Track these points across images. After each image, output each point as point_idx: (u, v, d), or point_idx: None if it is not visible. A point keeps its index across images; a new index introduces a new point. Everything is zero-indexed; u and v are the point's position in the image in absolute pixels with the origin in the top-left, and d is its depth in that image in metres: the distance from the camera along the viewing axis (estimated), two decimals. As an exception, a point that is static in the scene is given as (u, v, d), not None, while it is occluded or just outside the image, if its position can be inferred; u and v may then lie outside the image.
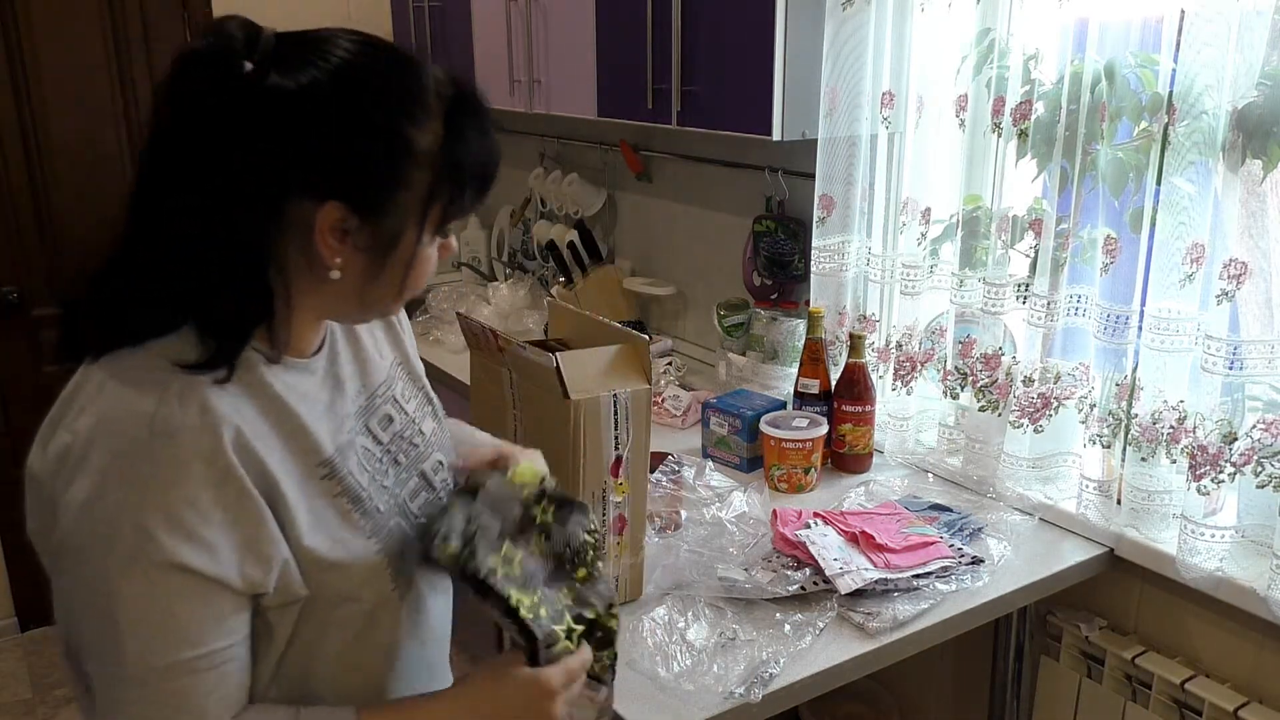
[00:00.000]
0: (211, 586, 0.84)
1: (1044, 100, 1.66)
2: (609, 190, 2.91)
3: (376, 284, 0.91)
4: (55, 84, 2.92)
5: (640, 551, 1.46)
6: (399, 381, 1.08)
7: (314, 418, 0.93)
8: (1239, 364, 1.44)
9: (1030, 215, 1.74)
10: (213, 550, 0.83)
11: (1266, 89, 1.39)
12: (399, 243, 0.89)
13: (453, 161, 0.88)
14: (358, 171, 0.85)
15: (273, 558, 0.87)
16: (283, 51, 0.84)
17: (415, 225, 0.89)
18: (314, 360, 0.97)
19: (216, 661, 0.85)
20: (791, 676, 1.33)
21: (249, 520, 0.85)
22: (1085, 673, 1.75)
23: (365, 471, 0.97)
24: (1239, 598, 1.51)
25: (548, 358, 1.36)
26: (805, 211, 2.13)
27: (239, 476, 0.84)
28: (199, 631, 0.84)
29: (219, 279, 0.86)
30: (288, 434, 0.90)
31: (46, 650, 3.08)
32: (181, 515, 0.81)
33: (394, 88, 0.86)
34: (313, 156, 0.84)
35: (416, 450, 1.05)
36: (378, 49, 0.88)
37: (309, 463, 0.91)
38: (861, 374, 1.92)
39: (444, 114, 0.88)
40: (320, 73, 0.83)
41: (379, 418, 1.02)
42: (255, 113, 0.82)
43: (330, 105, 0.83)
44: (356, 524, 0.94)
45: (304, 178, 0.84)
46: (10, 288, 2.97)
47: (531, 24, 2.50)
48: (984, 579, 1.55)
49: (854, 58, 1.88)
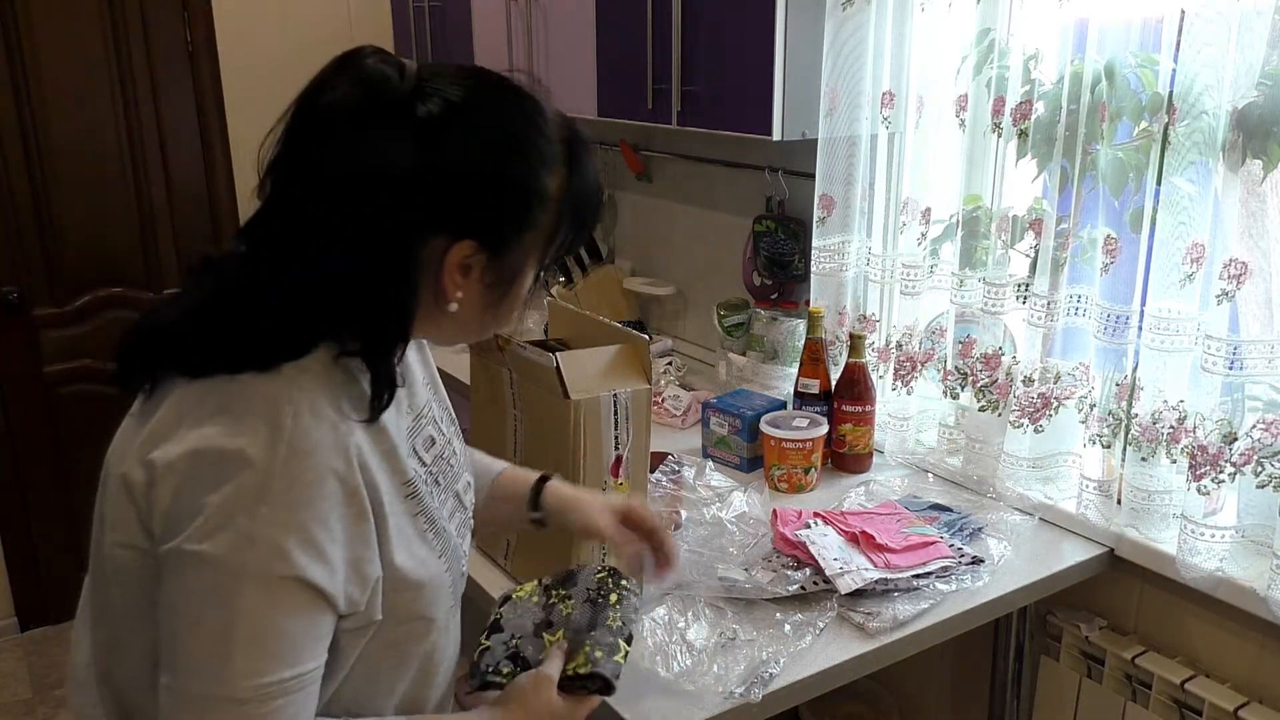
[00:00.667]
0: (322, 603, 0.84)
1: (1044, 100, 1.66)
2: (609, 190, 2.91)
3: (489, 316, 0.95)
4: (55, 84, 2.92)
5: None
6: (433, 404, 1.09)
7: (399, 437, 0.95)
8: (1239, 364, 1.44)
9: (1030, 215, 1.74)
10: (334, 568, 0.84)
11: (1266, 89, 1.39)
12: (519, 279, 0.93)
13: (574, 204, 0.93)
14: (493, 212, 0.88)
15: (370, 578, 0.88)
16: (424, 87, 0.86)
17: (536, 263, 0.94)
18: None
19: (307, 682, 0.86)
20: (791, 676, 1.33)
21: (361, 540, 0.86)
22: (1085, 673, 1.75)
23: (432, 493, 0.99)
24: (1239, 598, 1.51)
25: (548, 357, 1.36)
26: (805, 211, 2.13)
27: (363, 496, 0.86)
28: (301, 651, 0.84)
29: (368, 309, 0.87)
30: (384, 453, 0.92)
31: (46, 650, 3.08)
32: (314, 532, 0.82)
33: (527, 132, 0.89)
34: (454, 195, 0.86)
35: (452, 470, 1.07)
36: (504, 91, 0.91)
37: (397, 481, 0.93)
38: (861, 374, 1.92)
39: (566, 158, 0.92)
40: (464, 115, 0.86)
41: (423, 439, 1.02)
42: (407, 144, 0.83)
43: (472, 148, 0.86)
44: (431, 544, 0.96)
45: (445, 214, 0.86)
46: (10, 288, 2.97)
47: (531, 24, 2.50)
48: (984, 579, 1.55)
49: (854, 58, 1.88)
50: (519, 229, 0.90)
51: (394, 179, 0.84)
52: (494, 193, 0.88)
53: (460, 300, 0.91)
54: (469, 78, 0.89)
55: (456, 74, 0.89)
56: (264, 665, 0.82)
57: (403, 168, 0.84)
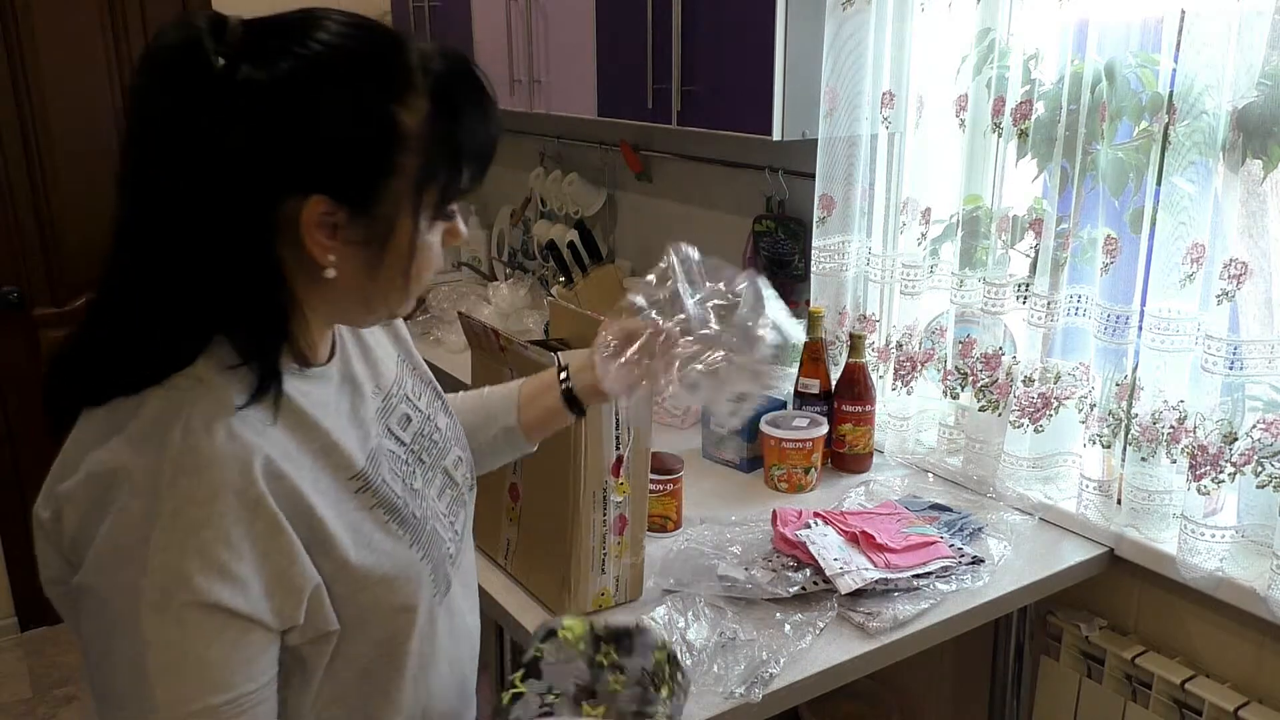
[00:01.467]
0: (243, 626, 0.79)
1: (1044, 100, 1.66)
2: (609, 190, 2.91)
3: (378, 280, 0.85)
4: (55, 84, 2.92)
5: (640, 551, 1.46)
6: (408, 379, 1.04)
7: (340, 429, 0.89)
8: (1239, 364, 1.44)
9: (1030, 215, 1.74)
10: (246, 588, 0.78)
11: (1266, 89, 1.39)
12: (394, 233, 0.82)
13: (444, 141, 0.81)
14: (339, 160, 0.78)
15: (303, 589, 0.82)
16: (252, 41, 0.77)
17: (410, 213, 0.82)
18: (328, 367, 0.92)
19: (245, 706, 0.81)
20: (791, 676, 1.33)
21: (280, 552, 0.80)
22: (1085, 673, 1.75)
23: (397, 477, 0.94)
24: (1239, 598, 1.51)
25: (549, 357, 1.36)
26: (805, 211, 2.13)
27: (270, 509, 0.79)
28: (229, 675, 0.79)
29: (231, 300, 0.80)
30: (317, 450, 0.86)
31: (46, 650, 3.08)
32: (215, 553, 0.76)
33: (372, 66, 0.79)
34: (291, 149, 0.77)
35: (437, 447, 1.03)
36: (355, 27, 0.81)
37: (341, 478, 0.87)
38: (861, 374, 1.92)
39: (430, 90, 0.80)
40: (294, 59, 0.77)
41: (397, 417, 0.98)
42: (230, 111, 0.75)
43: (306, 93, 0.76)
44: (396, 534, 0.91)
45: (285, 173, 0.77)
46: (10, 288, 2.97)
47: (531, 24, 2.50)
48: (984, 579, 1.55)
49: (854, 58, 1.88)
50: (373, 175, 0.79)
51: (222, 149, 0.76)
52: (332, 138, 0.77)
53: (335, 265, 0.81)
54: (306, 21, 0.79)
55: (291, 22, 0.79)
56: (188, 693, 0.78)
57: (228, 134, 0.75)
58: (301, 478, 0.83)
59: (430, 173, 0.81)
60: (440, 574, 0.95)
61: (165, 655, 0.77)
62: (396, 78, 0.80)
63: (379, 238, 0.82)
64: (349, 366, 0.96)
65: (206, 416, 0.79)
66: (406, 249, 0.84)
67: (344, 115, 0.78)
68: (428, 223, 0.84)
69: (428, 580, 0.93)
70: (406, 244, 0.83)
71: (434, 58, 0.82)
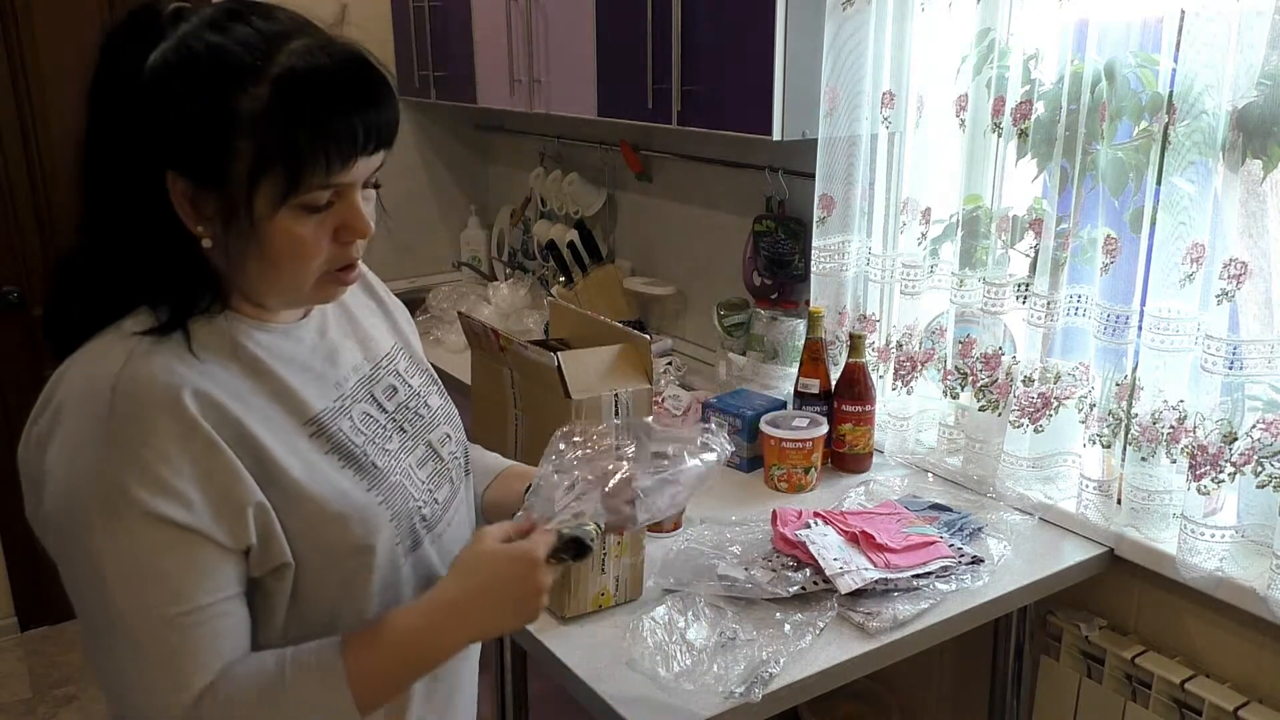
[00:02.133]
0: (192, 539, 0.85)
1: (1044, 100, 1.66)
2: (609, 190, 2.91)
3: (241, 258, 0.89)
4: (55, 84, 2.92)
5: (640, 551, 1.46)
6: (401, 359, 1.11)
7: (299, 380, 0.95)
8: (1239, 364, 1.44)
9: (1030, 215, 1.74)
10: (188, 502, 0.84)
11: (1266, 89, 1.39)
12: (238, 214, 0.86)
13: (280, 128, 0.84)
14: (182, 139, 0.85)
15: (246, 505, 0.87)
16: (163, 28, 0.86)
17: (246, 195, 0.85)
18: (296, 328, 0.99)
19: (207, 616, 0.86)
20: (791, 676, 1.33)
21: (221, 471, 0.86)
22: (1085, 673, 1.75)
23: (362, 433, 0.99)
24: (1239, 598, 1.51)
25: (549, 357, 1.36)
26: (805, 211, 2.13)
27: (205, 430, 0.85)
28: (185, 586, 0.85)
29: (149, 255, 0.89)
30: (270, 394, 0.92)
31: (46, 650, 3.08)
32: (154, 468, 0.83)
33: (223, 54, 0.84)
34: (156, 128, 0.85)
35: (423, 420, 1.08)
36: (232, 14, 0.86)
37: (295, 421, 0.93)
38: (861, 374, 1.92)
39: (274, 81, 0.84)
40: (170, 45, 0.85)
41: (383, 387, 1.05)
42: (129, 91, 0.85)
43: (162, 79, 0.84)
44: (352, 478, 0.95)
45: (151, 150, 0.85)
46: (10, 287, 2.97)
47: (531, 24, 2.50)
48: (984, 579, 1.55)
49: (854, 58, 1.88)
50: (213, 154, 0.84)
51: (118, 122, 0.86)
52: (177, 118, 0.84)
53: (208, 236, 0.88)
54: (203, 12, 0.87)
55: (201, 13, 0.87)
56: (146, 602, 0.84)
57: (123, 108, 0.85)
58: (249, 414, 0.89)
59: (267, 157, 0.84)
60: (404, 525, 0.99)
61: (119, 567, 0.83)
62: (241, 67, 0.84)
63: (227, 215, 0.87)
64: (327, 337, 1.02)
65: (145, 351, 0.87)
66: (245, 231, 0.87)
67: (185, 99, 0.84)
68: (273, 207, 0.86)
69: (387, 525, 0.97)
70: (245, 227, 0.87)
71: (300, 52, 0.85)
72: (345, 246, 0.92)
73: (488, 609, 0.95)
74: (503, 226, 3.39)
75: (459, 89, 2.89)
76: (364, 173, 0.90)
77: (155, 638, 0.85)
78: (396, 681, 0.95)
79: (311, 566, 0.92)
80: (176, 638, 0.85)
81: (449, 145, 3.44)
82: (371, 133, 0.88)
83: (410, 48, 3.05)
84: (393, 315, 1.16)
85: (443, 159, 3.44)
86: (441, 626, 0.95)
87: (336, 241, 0.91)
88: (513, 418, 1.51)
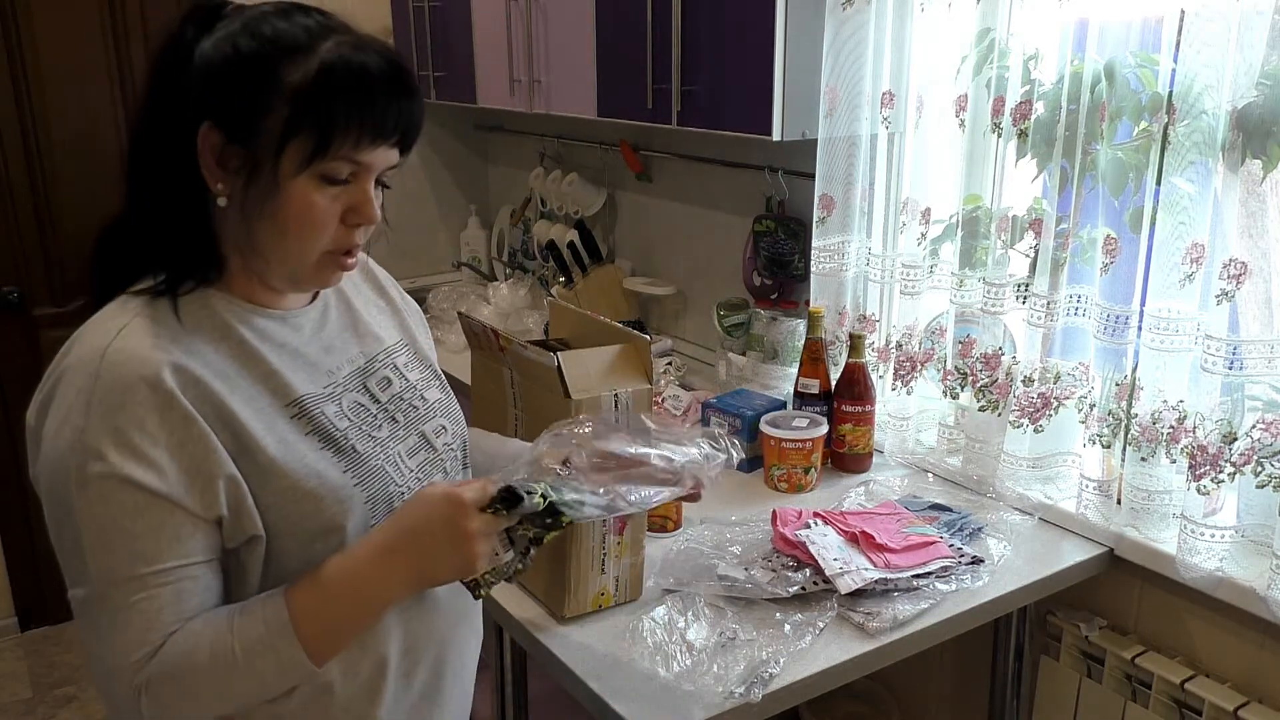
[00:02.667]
0: (163, 504, 0.89)
1: (1044, 100, 1.66)
2: (609, 190, 2.91)
3: (255, 221, 0.94)
4: (55, 84, 2.92)
5: (640, 551, 1.46)
6: (402, 354, 1.15)
7: (288, 365, 1.00)
8: (1239, 364, 1.44)
9: (1030, 215, 1.74)
10: (160, 470, 0.89)
11: (1266, 89, 1.39)
12: (262, 169, 0.92)
13: (315, 99, 0.91)
14: (225, 91, 0.91)
15: (217, 476, 0.91)
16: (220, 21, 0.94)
17: (272, 155, 0.91)
18: (295, 315, 1.04)
19: (173, 578, 0.90)
20: (791, 676, 1.33)
21: (195, 442, 0.90)
22: (1085, 673, 1.75)
23: (348, 420, 1.03)
24: (1239, 598, 1.51)
25: (549, 357, 1.36)
26: (805, 211, 2.13)
27: (181, 403, 0.90)
28: (155, 548, 0.89)
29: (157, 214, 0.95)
30: (257, 376, 0.97)
31: (46, 650, 3.08)
32: (128, 434, 0.88)
33: (279, 31, 0.92)
34: (200, 84, 0.91)
35: (417, 412, 1.12)
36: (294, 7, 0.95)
37: (279, 402, 0.98)
38: (861, 374, 1.92)
39: (322, 59, 0.91)
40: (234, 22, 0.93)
41: (377, 379, 1.10)
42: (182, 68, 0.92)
43: (227, 41, 0.92)
44: (329, 459, 0.99)
45: (193, 103, 0.91)
46: (10, 287, 2.96)
47: (531, 24, 2.50)
48: (984, 579, 1.55)
49: (854, 58, 1.88)
50: (251, 110, 0.91)
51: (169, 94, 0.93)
52: (224, 73, 0.91)
53: (225, 194, 0.93)
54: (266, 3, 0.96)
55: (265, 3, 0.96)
56: (115, 561, 0.89)
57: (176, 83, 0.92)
58: (232, 393, 0.94)
59: (302, 121, 0.91)
60: (381, 508, 1.02)
61: (94, 525, 0.89)
62: (295, 43, 0.92)
63: (250, 170, 0.92)
64: (325, 328, 1.07)
65: (142, 324, 0.92)
66: (271, 187, 0.92)
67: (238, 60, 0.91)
68: (298, 167, 0.92)
69: (361, 507, 1.00)
70: (269, 185, 0.92)
71: (349, 43, 0.94)
72: (351, 230, 0.97)
73: (417, 551, 0.96)
74: (503, 226, 3.39)
75: (459, 89, 2.89)
76: (382, 164, 0.97)
77: (123, 594, 0.89)
78: (338, 627, 0.97)
79: (283, 540, 0.96)
80: (141, 596, 0.89)
81: (449, 145, 3.44)
82: (401, 123, 0.95)
83: (410, 48, 3.05)
84: (402, 314, 1.21)
85: (443, 159, 3.45)
86: (375, 568, 0.97)
87: (344, 224, 0.97)
88: (513, 418, 1.51)
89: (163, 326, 0.93)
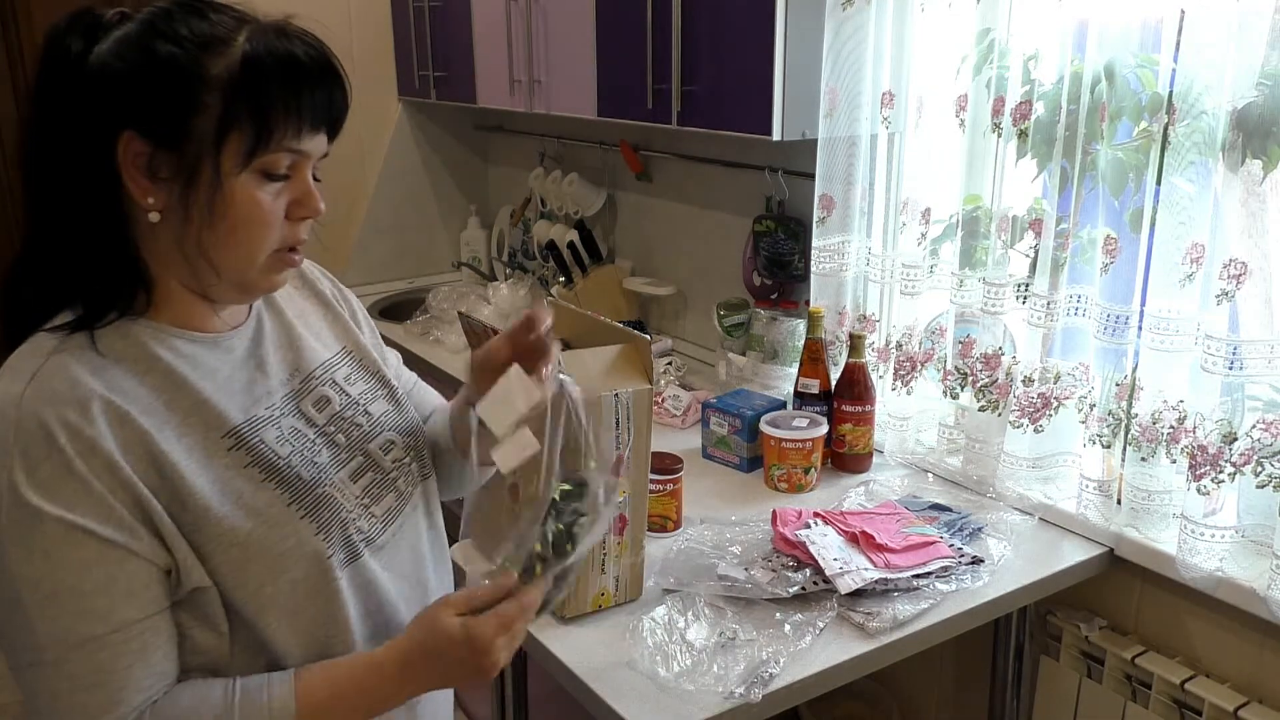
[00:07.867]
0: (108, 554, 0.84)
1: (1044, 100, 1.66)
2: (609, 190, 2.91)
3: (202, 227, 0.88)
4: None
5: (640, 551, 1.46)
6: (343, 367, 1.09)
7: (220, 392, 0.94)
8: (1239, 364, 1.44)
9: (1030, 215, 1.74)
10: (102, 519, 0.84)
11: (1266, 89, 1.39)
12: (200, 171, 0.87)
13: (247, 87, 0.86)
14: (146, 95, 0.86)
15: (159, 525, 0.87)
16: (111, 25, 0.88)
17: (212, 154, 0.87)
18: (227, 338, 0.98)
19: (133, 634, 0.86)
20: (791, 676, 1.33)
21: (124, 488, 0.85)
22: (1085, 673, 1.75)
23: (288, 445, 0.97)
24: (1239, 598, 1.51)
25: (548, 357, 1.36)
26: (805, 211, 2.13)
27: (105, 449, 0.84)
28: (107, 605, 0.84)
29: (69, 243, 0.89)
30: (187, 408, 0.91)
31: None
32: (59, 487, 0.82)
33: (187, 21, 0.87)
34: (111, 94, 0.86)
35: (361, 430, 1.06)
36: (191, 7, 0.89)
37: (213, 436, 0.92)
38: (861, 374, 1.92)
39: (245, 47, 0.87)
40: (130, 25, 0.87)
41: (313, 399, 1.03)
42: (78, 81, 0.87)
43: (130, 43, 0.86)
44: (272, 491, 0.94)
45: (106, 115, 0.86)
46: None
47: (531, 24, 2.50)
48: (984, 579, 1.55)
49: (854, 58, 1.88)
50: (179, 110, 0.85)
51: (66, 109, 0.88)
52: (141, 77, 0.86)
53: (157, 208, 0.88)
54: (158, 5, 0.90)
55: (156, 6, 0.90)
56: (67, 623, 0.83)
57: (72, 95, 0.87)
58: (161, 431, 0.88)
59: (237, 114, 0.86)
60: (336, 536, 0.97)
61: (38, 590, 0.83)
62: (209, 34, 0.87)
63: (187, 174, 0.87)
64: (260, 347, 1.01)
65: (64, 362, 0.86)
66: (210, 192, 0.87)
67: (153, 58, 0.86)
68: (239, 164, 0.88)
69: (312, 539, 0.95)
70: (210, 187, 0.87)
71: (269, 28, 0.89)
72: (296, 225, 0.94)
73: (439, 673, 0.95)
74: (503, 226, 3.39)
75: (459, 89, 2.89)
76: (317, 152, 0.93)
77: (82, 657, 0.84)
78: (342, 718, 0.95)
79: (231, 585, 0.91)
80: (104, 655, 0.85)
81: (449, 145, 3.44)
82: (334, 107, 0.92)
83: (410, 48, 3.05)
84: (343, 319, 1.14)
85: (443, 159, 3.44)
86: (391, 681, 0.95)
87: (289, 219, 0.93)
88: (513, 418, 1.51)
89: (81, 364, 0.87)
